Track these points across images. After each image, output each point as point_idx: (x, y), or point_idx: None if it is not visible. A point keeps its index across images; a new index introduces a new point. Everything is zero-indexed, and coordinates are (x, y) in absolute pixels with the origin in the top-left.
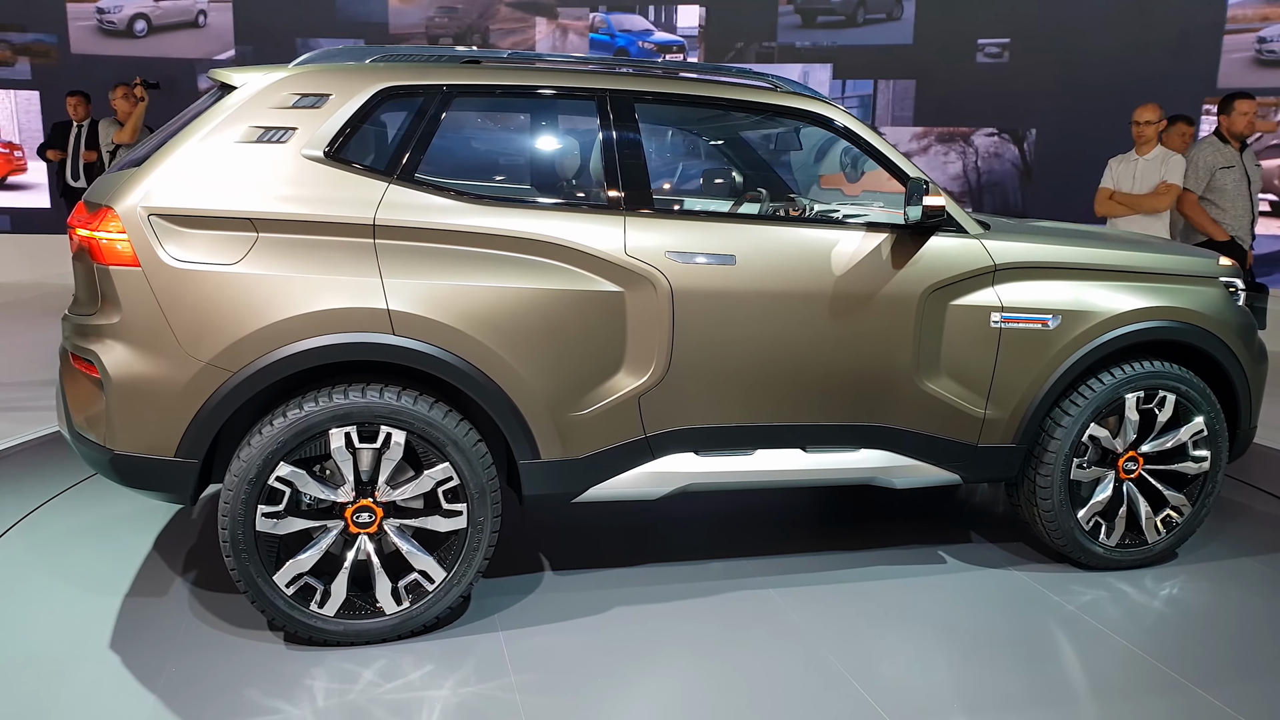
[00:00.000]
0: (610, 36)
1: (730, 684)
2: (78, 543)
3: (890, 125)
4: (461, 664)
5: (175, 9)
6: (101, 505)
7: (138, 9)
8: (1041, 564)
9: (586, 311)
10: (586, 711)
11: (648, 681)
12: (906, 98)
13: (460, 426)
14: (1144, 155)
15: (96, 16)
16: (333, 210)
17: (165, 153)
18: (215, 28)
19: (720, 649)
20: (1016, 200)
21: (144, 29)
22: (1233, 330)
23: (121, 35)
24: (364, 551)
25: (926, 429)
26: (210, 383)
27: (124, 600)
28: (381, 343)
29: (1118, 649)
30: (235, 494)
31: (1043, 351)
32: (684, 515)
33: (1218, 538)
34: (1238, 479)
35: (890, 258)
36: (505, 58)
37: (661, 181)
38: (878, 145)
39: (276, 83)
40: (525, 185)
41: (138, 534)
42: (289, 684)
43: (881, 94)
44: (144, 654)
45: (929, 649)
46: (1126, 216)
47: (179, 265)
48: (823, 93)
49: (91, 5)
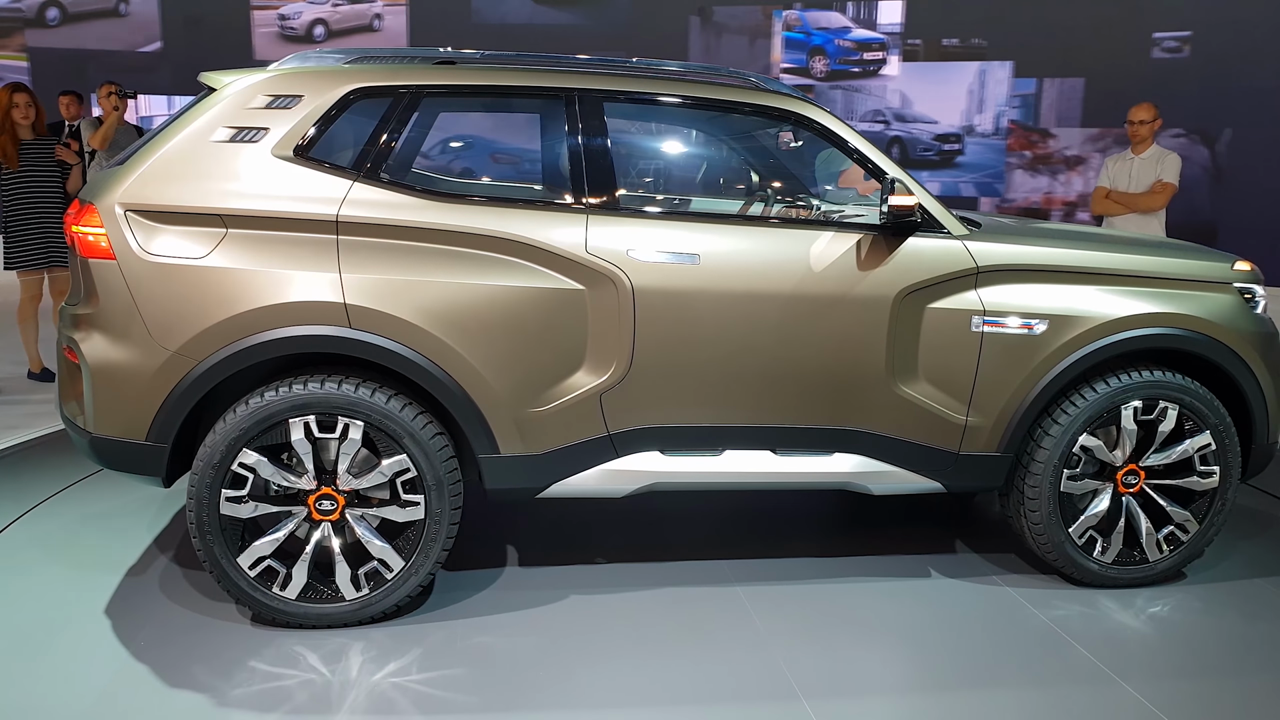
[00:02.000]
0: (806, 35)
1: (667, 686)
2: (80, 530)
3: (1056, 126)
4: (407, 653)
5: (352, 13)
6: (107, 499)
7: (317, 15)
8: (1030, 577)
9: (546, 308)
10: (499, 709)
11: (583, 681)
12: (1074, 96)
13: (418, 419)
14: (1140, 154)
15: (278, 23)
16: (297, 207)
17: (146, 152)
18: (390, 31)
19: (670, 650)
20: (1204, 206)
21: (323, 34)
22: (1247, 340)
23: (301, 40)
24: (326, 538)
25: (903, 434)
26: (177, 371)
27: (110, 580)
28: (337, 336)
29: (1082, 668)
30: (201, 478)
31: (1028, 357)
32: (671, 514)
33: (1232, 556)
34: (1266, 491)
35: (862, 258)
36: (479, 58)
37: (630, 180)
38: (858, 145)
39: (252, 85)
40: (490, 183)
41: (141, 523)
42: (234, 663)
43: (1045, 92)
44: (118, 629)
45: (885, 660)
46: (1123, 215)
47: (151, 259)
48: (801, 92)
49: (274, 12)
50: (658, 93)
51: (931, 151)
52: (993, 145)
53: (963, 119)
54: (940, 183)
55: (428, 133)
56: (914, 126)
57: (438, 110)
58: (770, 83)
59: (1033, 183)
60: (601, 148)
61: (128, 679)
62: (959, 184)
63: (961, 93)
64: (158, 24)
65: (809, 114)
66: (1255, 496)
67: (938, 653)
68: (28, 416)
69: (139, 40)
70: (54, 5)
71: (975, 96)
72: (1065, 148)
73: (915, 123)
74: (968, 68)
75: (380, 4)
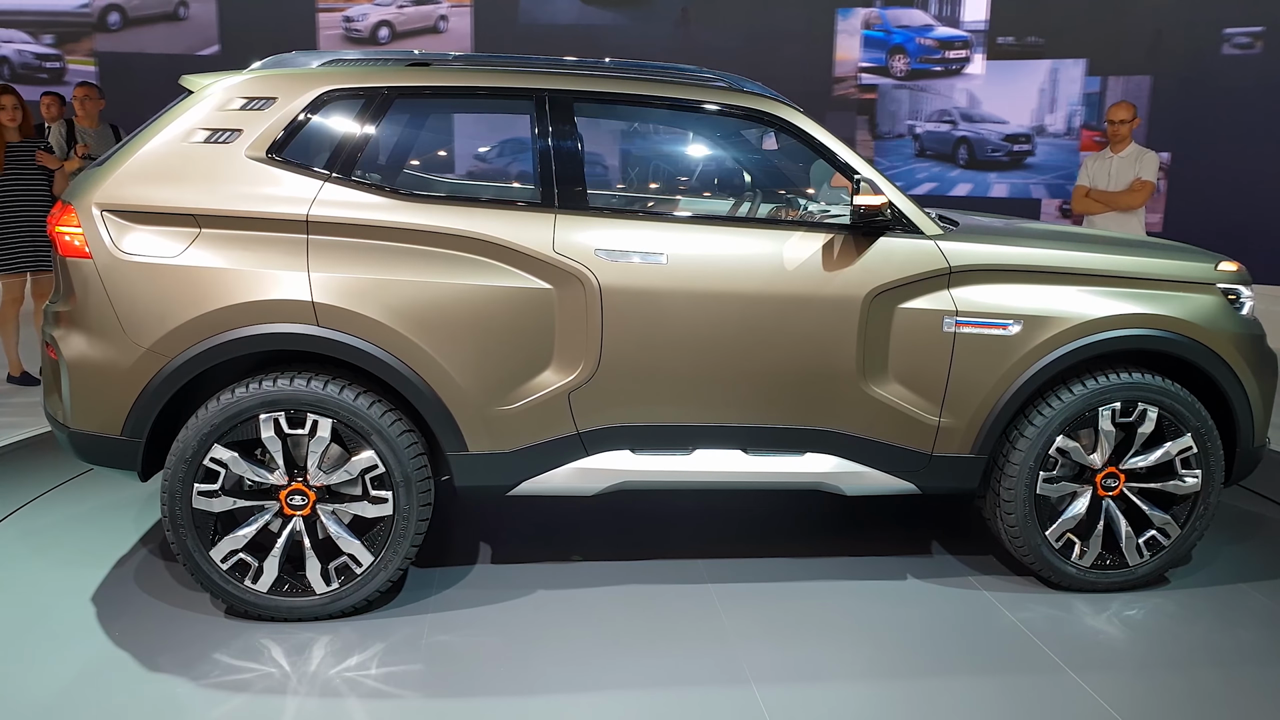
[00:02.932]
0: (885, 33)
1: (624, 683)
2: (68, 527)
3: None
4: (369, 648)
5: (417, 15)
6: (96, 496)
7: (382, 16)
8: (1007, 580)
9: (514, 308)
10: (448, 706)
11: (537, 680)
12: (1139, 95)
13: (386, 417)
14: (1119, 153)
15: (343, 25)
16: (269, 206)
17: (124, 154)
18: (455, 33)
19: (631, 648)
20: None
21: (387, 35)
22: (1230, 342)
23: (366, 42)
24: (297, 533)
25: (875, 435)
26: (150, 367)
27: (93, 574)
28: (304, 333)
29: (1039, 662)
30: (174, 472)
31: (1002, 358)
32: (650, 513)
33: (1220, 560)
34: (1262, 495)
35: (832, 259)
36: (451, 59)
37: (599, 180)
38: (830, 145)
39: (227, 87)
40: (461, 182)
41: (128, 519)
42: (200, 655)
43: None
44: (94, 622)
45: (841, 654)
46: (1103, 214)
47: (126, 257)
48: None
49: (339, 14)
50: (628, 93)
51: (1000, 152)
52: (1064, 145)
53: (1033, 119)
54: (1009, 184)
55: (400, 133)
56: (982, 127)
57: (410, 111)
58: (745, 83)
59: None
60: (571, 148)
61: (96, 669)
62: (1029, 185)
63: (1032, 92)
64: (216, 27)
65: (780, 114)
66: (1250, 499)
67: (895, 648)
68: (8, 417)
69: (198, 43)
70: (115, 10)
71: (1046, 95)
72: None
73: (983, 123)
74: (1038, 66)
75: (445, 5)
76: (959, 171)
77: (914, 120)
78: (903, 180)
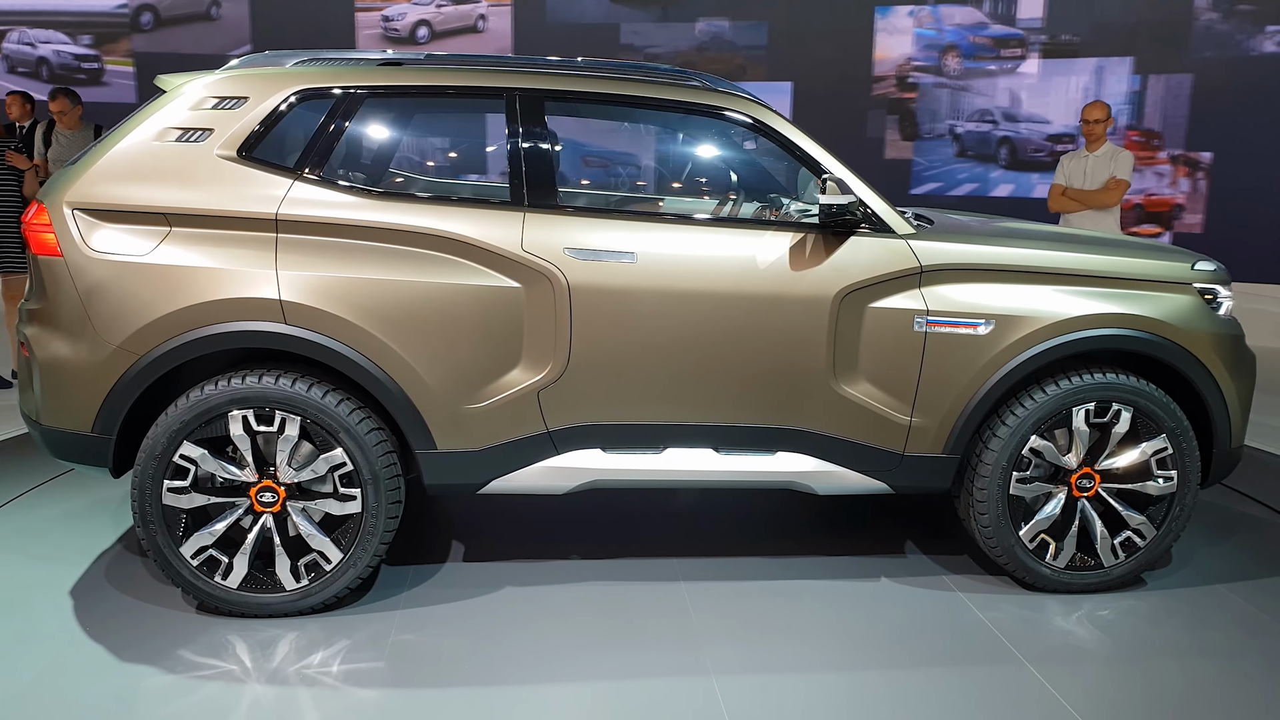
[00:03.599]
0: (938, 31)
1: (583, 677)
2: (49, 525)
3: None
4: (332, 645)
5: (456, 14)
6: (78, 496)
7: (421, 16)
8: (981, 580)
9: (482, 306)
10: (400, 704)
11: (497, 676)
12: (1180, 95)
13: (354, 415)
14: (1094, 152)
15: (382, 24)
16: (238, 205)
17: (96, 153)
18: (494, 32)
19: (598, 645)
20: None
21: (426, 35)
22: (1206, 342)
23: (405, 41)
24: (267, 529)
25: (846, 434)
26: (120, 365)
27: (71, 570)
28: (272, 331)
29: (998, 653)
30: (144, 469)
31: (974, 358)
32: (629, 511)
33: (1197, 560)
34: (1242, 493)
35: (802, 257)
36: (423, 59)
37: (570, 179)
38: (803, 144)
39: (199, 87)
40: (431, 181)
41: (106, 517)
42: (163, 651)
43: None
44: (65, 617)
45: (804, 649)
46: (1079, 212)
47: (96, 256)
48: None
49: (378, 14)
50: (599, 92)
51: (1043, 153)
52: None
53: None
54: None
55: (371, 133)
56: (1024, 126)
57: (380, 110)
58: (718, 82)
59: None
60: (541, 147)
61: (61, 663)
62: None
63: (1075, 91)
64: (248, 27)
65: (750, 112)
66: (1235, 499)
67: (858, 644)
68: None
69: (229, 43)
70: (148, 10)
71: (1090, 95)
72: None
73: (1026, 122)
74: (1082, 65)
75: (485, 4)
76: (1000, 172)
77: (954, 120)
78: (943, 181)
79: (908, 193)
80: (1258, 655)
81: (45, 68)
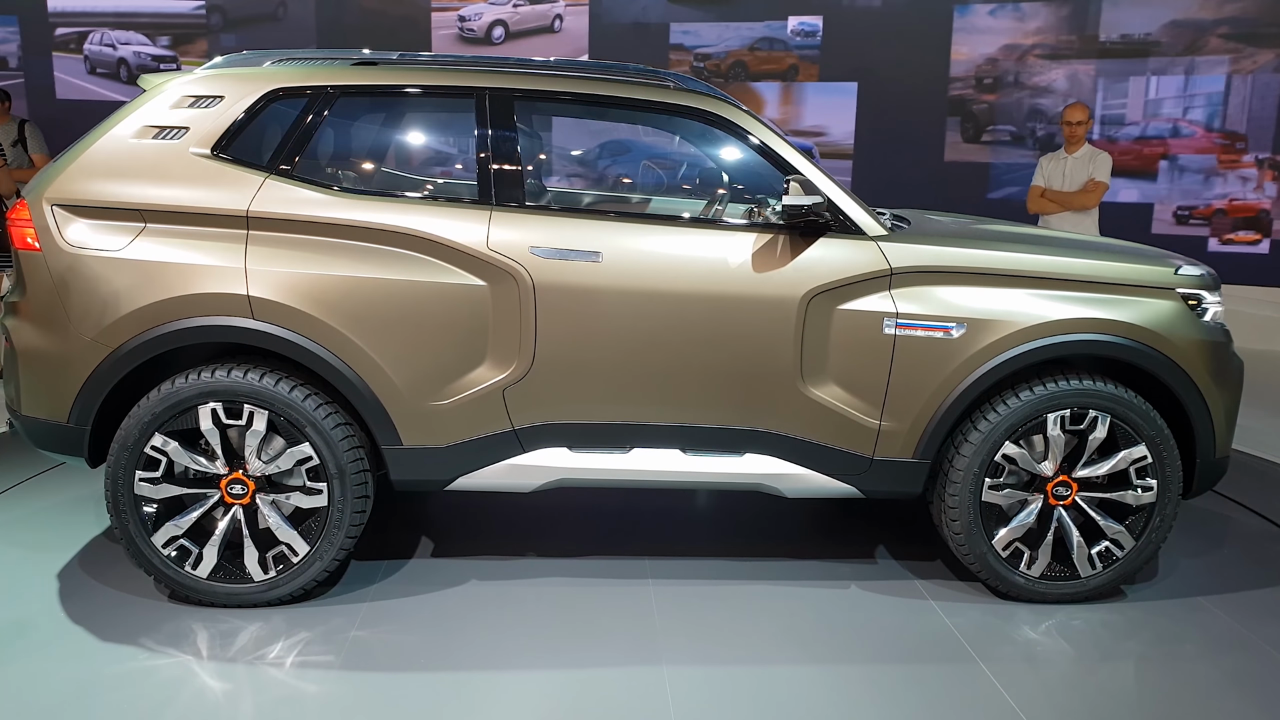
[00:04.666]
0: (1017, 29)
1: (530, 666)
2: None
3: (1248, 127)
4: (294, 636)
5: (532, 14)
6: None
7: (497, 16)
8: (950, 586)
9: (447, 304)
10: (342, 699)
11: (446, 669)
12: (1267, 95)
13: (321, 409)
14: (1073, 154)
15: (458, 24)
16: (211, 202)
17: (76, 150)
18: (570, 32)
19: (555, 641)
20: None
21: (501, 35)
22: (1188, 349)
23: (480, 42)
24: (237, 520)
25: (814, 437)
26: (94, 357)
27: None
28: (240, 326)
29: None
30: (116, 459)
31: (945, 362)
32: (611, 510)
33: (1180, 569)
34: (1230, 498)
35: (769, 258)
36: (396, 58)
37: (538, 178)
38: (774, 145)
39: (176, 86)
40: (401, 178)
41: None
42: (127, 638)
43: (1235, 91)
44: (40, 605)
45: (762, 653)
46: (1058, 214)
47: (73, 250)
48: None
49: (454, 14)
50: (567, 91)
51: (1132, 156)
52: (1198, 156)
53: (1165, 119)
54: (1138, 190)
55: (343, 131)
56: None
57: (353, 109)
58: (690, 82)
59: (1223, 188)
60: (508, 145)
61: (20, 650)
62: (1158, 190)
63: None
64: (314, 28)
65: (720, 112)
66: (1224, 504)
67: (813, 643)
68: None
69: (297, 43)
70: (216, 10)
71: (1181, 99)
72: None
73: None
74: (1168, 64)
75: (562, 4)
76: None
77: (1035, 122)
78: (1021, 185)
79: (985, 196)
80: (1225, 671)
81: (124, 68)
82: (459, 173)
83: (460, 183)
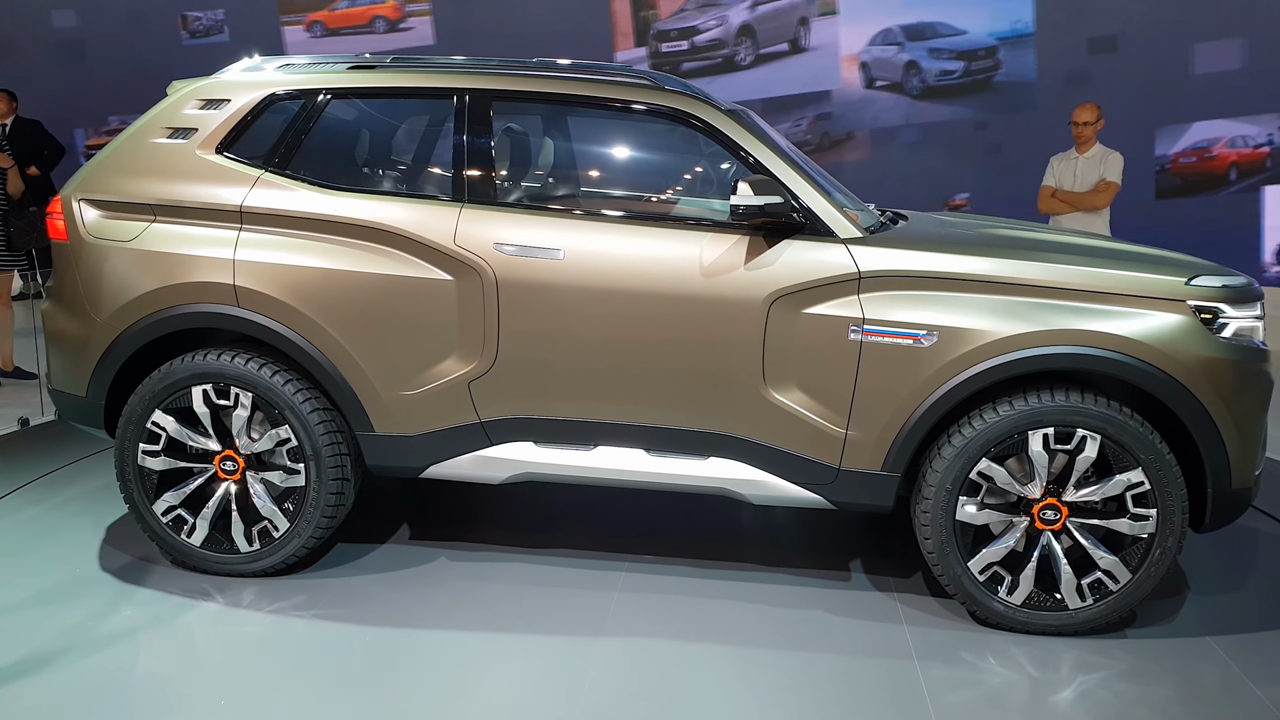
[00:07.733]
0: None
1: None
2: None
3: None
4: (260, 608)
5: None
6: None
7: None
8: (924, 606)
9: (416, 297)
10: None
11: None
12: None
13: (299, 394)
14: (1083, 154)
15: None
16: (211, 197)
17: (106, 148)
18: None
19: (503, 643)
20: None
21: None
22: (1195, 367)
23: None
24: (229, 494)
25: (778, 443)
26: (105, 338)
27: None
28: (224, 313)
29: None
30: (123, 432)
31: (914, 372)
32: (602, 510)
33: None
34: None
35: (732, 260)
36: (389, 62)
37: (511, 176)
38: (748, 147)
39: (192, 90)
40: (384, 175)
41: None
42: (110, 600)
43: None
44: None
45: (715, 676)
46: (1069, 214)
47: (93, 241)
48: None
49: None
50: (544, 91)
51: None
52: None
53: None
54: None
55: (334, 131)
56: None
57: (345, 110)
58: (671, 81)
59: None
60: (483, 144)
61: (32, 605)
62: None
63: None
64: (431, 38)
65: (695, 112)
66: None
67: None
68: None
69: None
70: (318, 22)
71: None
72: None
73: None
74: None
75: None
76: None
77: None
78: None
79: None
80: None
81: None
82: (437, 171)
83: (438, 179)
